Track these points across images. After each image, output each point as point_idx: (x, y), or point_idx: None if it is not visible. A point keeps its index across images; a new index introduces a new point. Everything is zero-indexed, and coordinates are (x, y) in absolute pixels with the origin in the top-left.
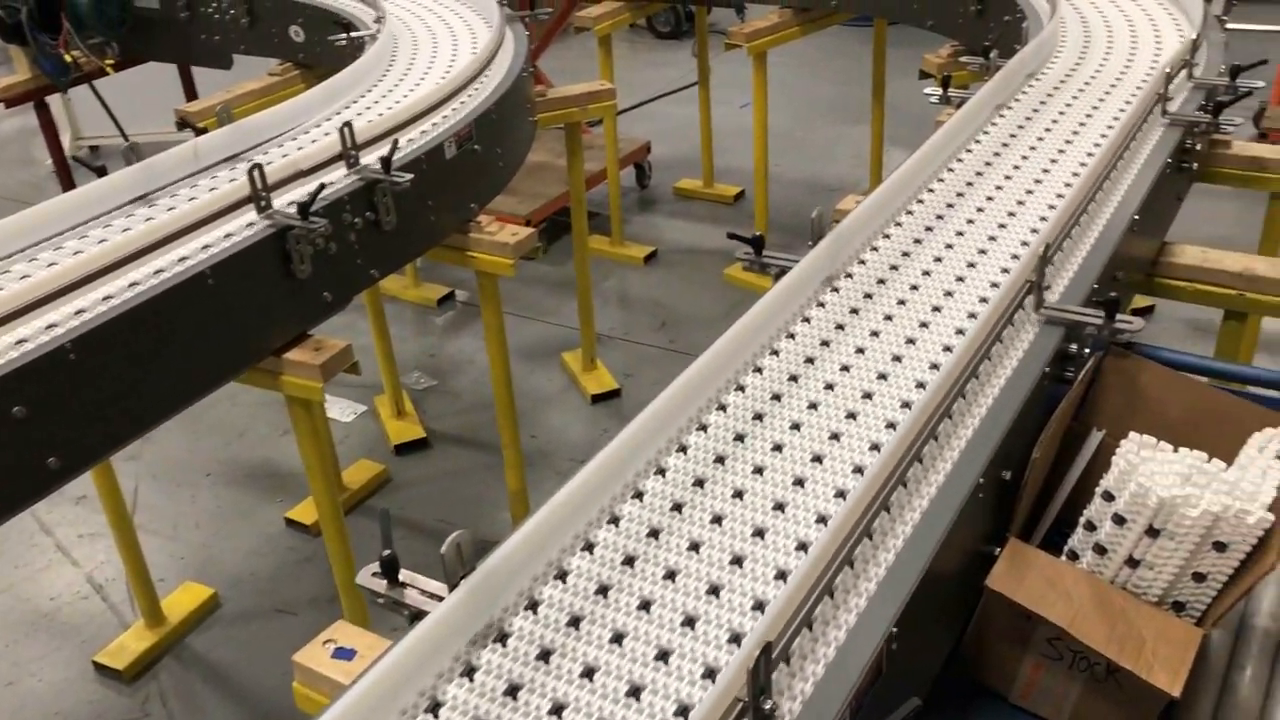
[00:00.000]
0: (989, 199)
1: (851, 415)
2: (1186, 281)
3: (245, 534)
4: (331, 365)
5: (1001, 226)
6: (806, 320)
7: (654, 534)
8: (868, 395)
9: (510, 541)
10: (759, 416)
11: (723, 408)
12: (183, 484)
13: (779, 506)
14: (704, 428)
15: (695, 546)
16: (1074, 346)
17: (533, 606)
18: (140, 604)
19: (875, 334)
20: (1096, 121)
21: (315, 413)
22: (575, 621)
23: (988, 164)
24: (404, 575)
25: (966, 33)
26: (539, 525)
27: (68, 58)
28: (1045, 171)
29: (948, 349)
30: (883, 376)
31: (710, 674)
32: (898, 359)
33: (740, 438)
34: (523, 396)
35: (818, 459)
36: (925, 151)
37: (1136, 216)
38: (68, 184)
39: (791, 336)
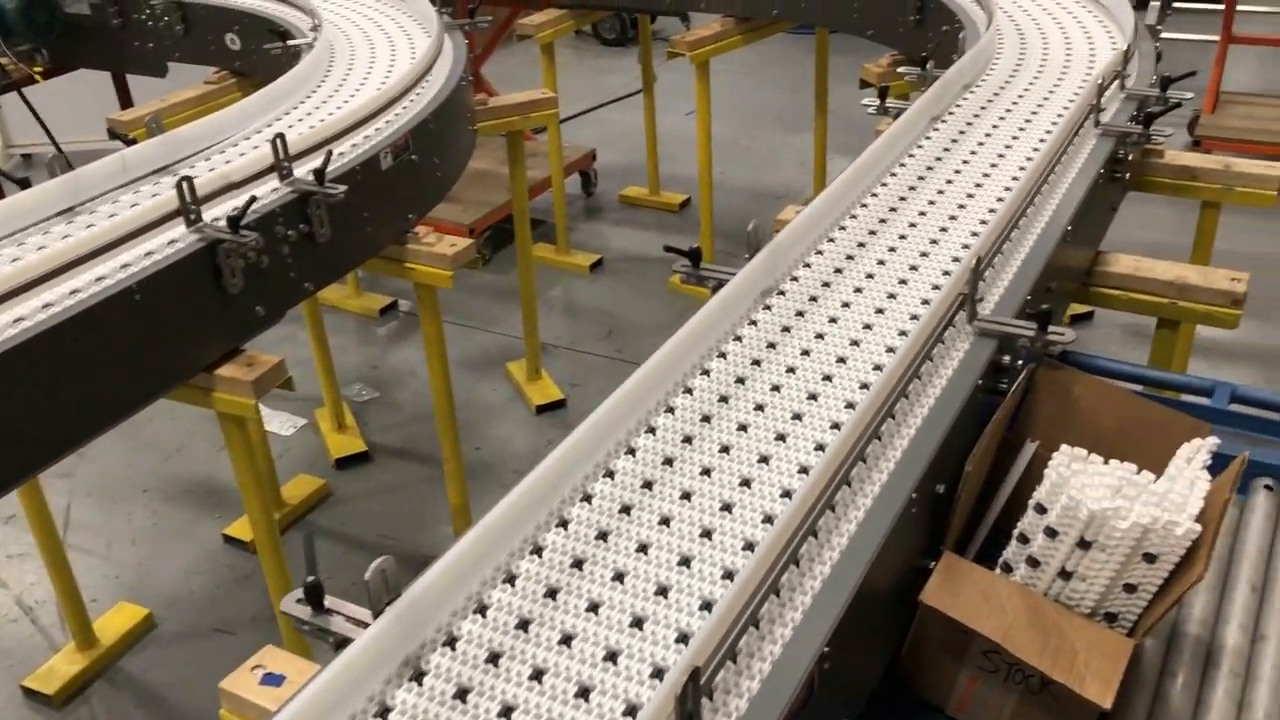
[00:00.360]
0: (921, 213)
1: (780, 437)
2: (1120, 290)
3: (182, 552)
4: (264, 381)
5: (933, 242)
6: (739, 339)
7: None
8: (798, 416)
9: (432, 570)
10: (688, 439)
11: (652, 430)
12: (118, 500)
13: (707, 533)
14: (632, 452)
15: (620, 576)
16: (1007, 358)
17: (450, 643)
18: (71, 626)
19: (806, 353)
20: (1031, 132)
21: (249, 430)
22: (494, 659)
23: (921, 177)
24: (329, 601)
25: (906, 42)
26: (461, 555)
27: None
28: (978, 186)
29: (878, 367)
30: (813, 397)
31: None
32: (828, 378)
33: (669, 461)
34: (467, 408)
35: (745, 483)
36: (861, 164)
37: (1069, 227)
38: None
39: (723, 356)
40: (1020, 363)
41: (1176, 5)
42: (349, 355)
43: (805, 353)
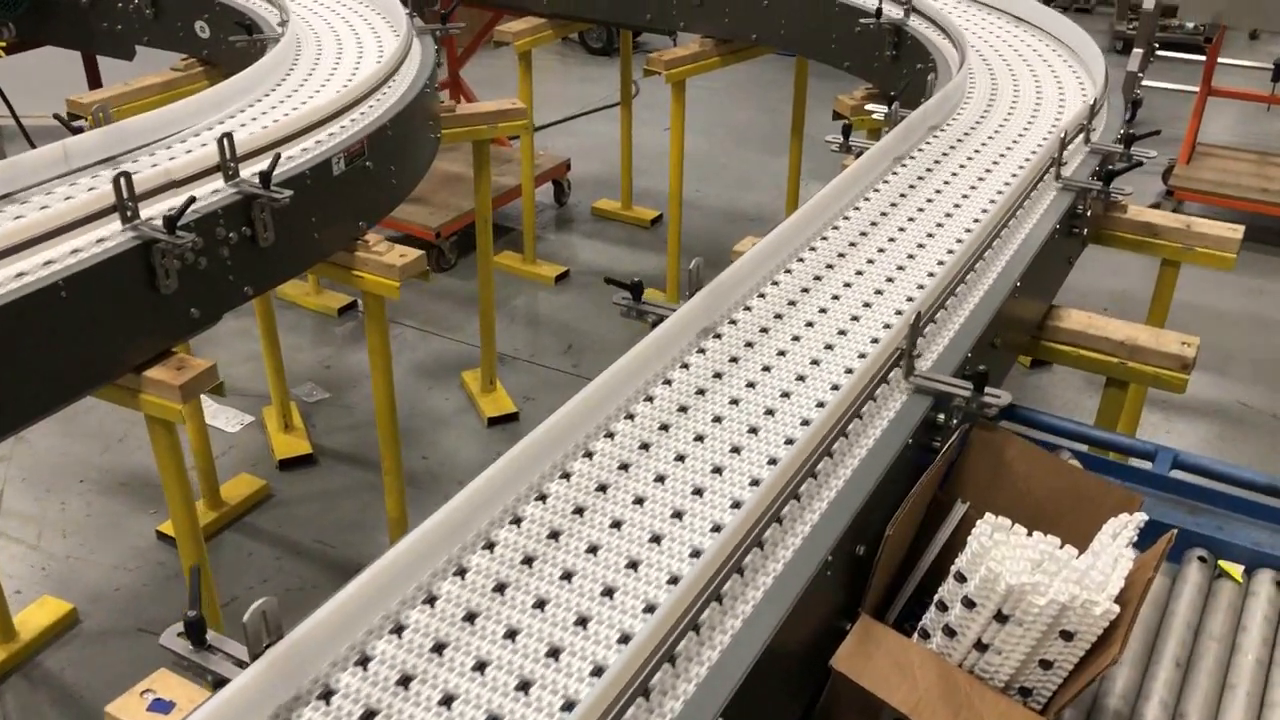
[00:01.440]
0: (870, 261)
1: (698, 491)
2: (1070, 347)
3: (113, 546)
4: (192, 386)
5: (878, 292)
6: (668, 383)
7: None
8: (718, 470)
9: (314, 617)
10: (603, 488)
11: (566, 476)
12: (53, 489)
13: (608, 590)
14: (543, 498)
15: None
16: (942, 416)
17: (326, 696)
18: None
19: (735, 402)
20: (993, 180)
21: (175, 433)
22: (369, 717)
23: (874, 223)
24: (211, 637)
25: (881, 77)
26: (345, 602)
27: None
28: (929, 236)
29: (806, 422)
30: (736, 450)
31: None
32: (754, 430)
33: (579, 510)
34: (417, 415)
35: (655, 539)
36: (813, 205)
37: (1019, 284)
38: None
39: (650, 400)
40: (955, 422)
41: (1160, 54)
42: (303, 354)
43: (734, 402)
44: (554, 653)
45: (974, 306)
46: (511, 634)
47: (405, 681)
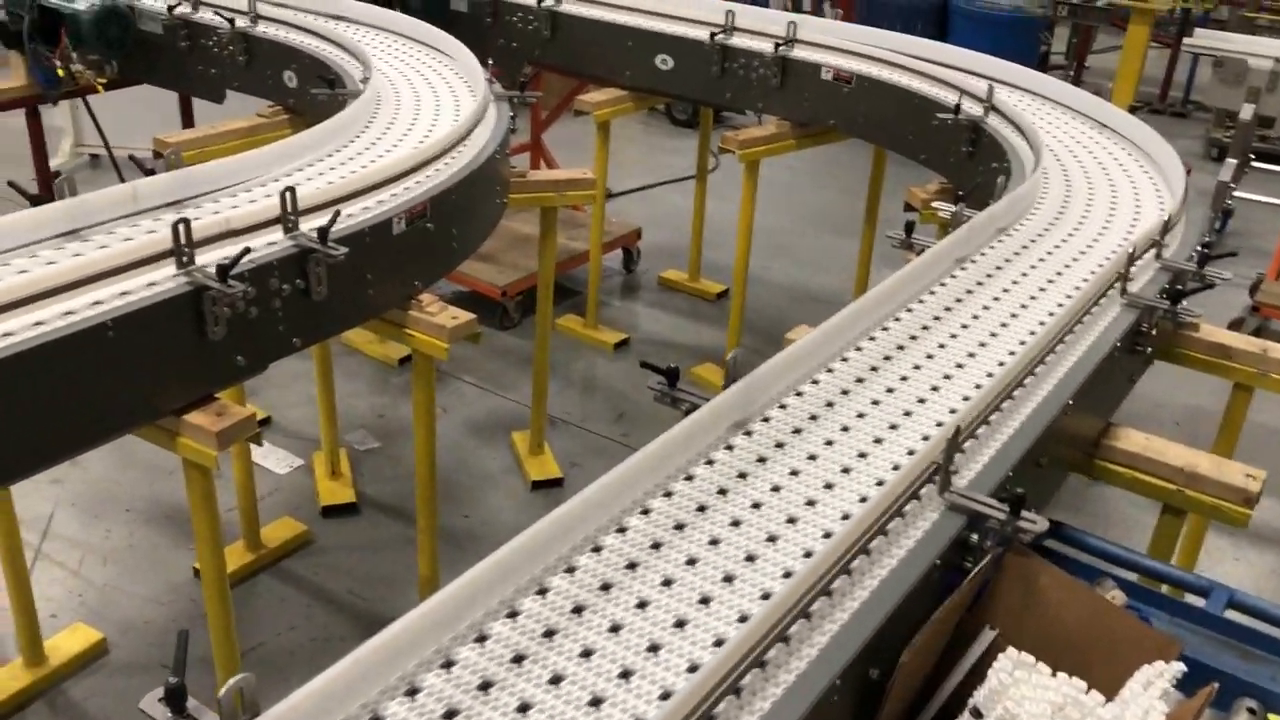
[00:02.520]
0: (917, 366)
1: (705, 600)
2: (1126, 468)
3: (150, 579)
4: (229, 434)
5: (921, 401)
6: (690, 478)
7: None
8: (729, 579)
9: (290, 700)
10: (606, 586)
11: (571, 570)
12: (100, 516)
13: (596, 702)
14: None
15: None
16: (975, 537)
17: None
18: (20, 641)
19: (757, 506)
20: (1055, 290)
21: (210, 478)
22: None
23: (925, 327)
24: (191, 706)
25: (956, 173)
26: (328, 682)
27: (60, 71)
28: (982, 345)
29: (828, 534)
30: (751, 558)
31: None
32: (773, 539)
33: (579, 609)
34: (465, 471)
35: (654, 648)
36: (866, 302)
37: (1071, 402)
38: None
39: (669, 495)
40: (988, 543)
41: (1255, 165)
42: (360, 401)
43: (756, 506)
44: None
45: (1021, 423)
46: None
47: None
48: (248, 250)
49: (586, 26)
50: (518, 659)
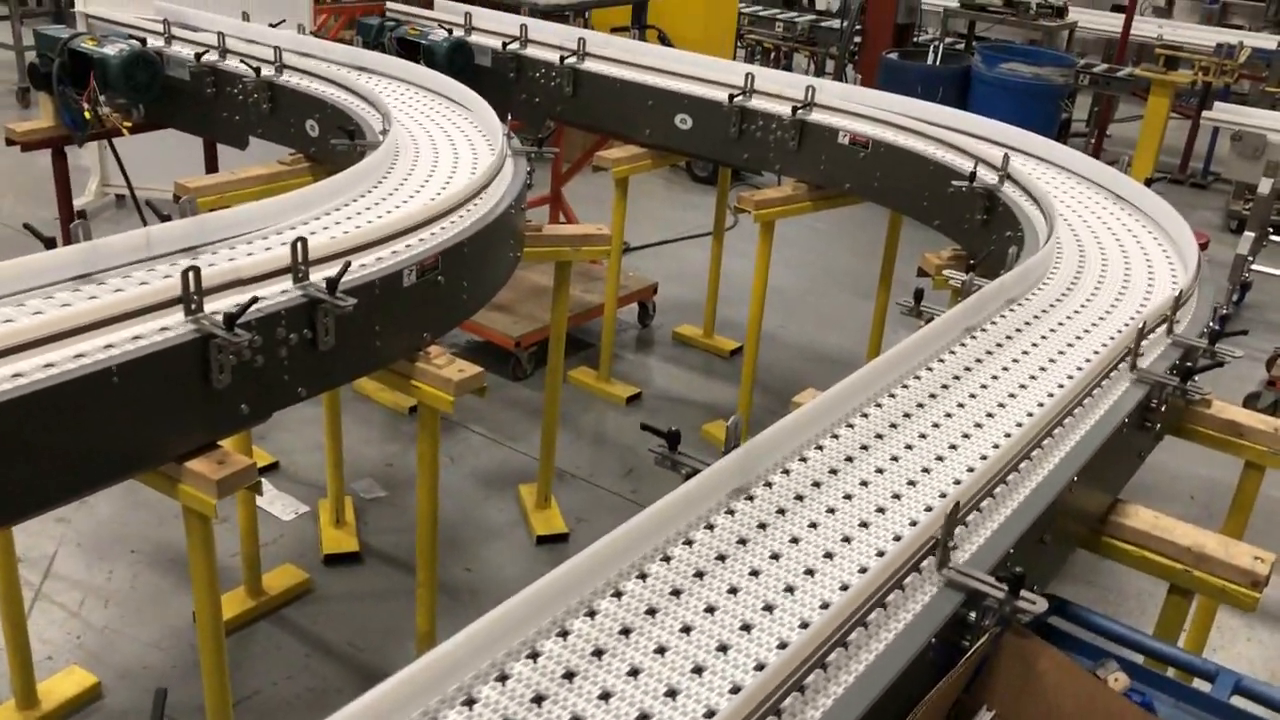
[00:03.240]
0: (923, 435)
1: (698, 670)
2: (1133, 546)
3: (151, 623)
4: (229, 482)
5: (925, 471)
6: (689, 543)
7: None
8: (724, 648)
9: None
10: (599, 653)
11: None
12: (104, 557)
13: None
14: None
15: None
16: (973, 615)
17: None
18: (14, 683)
19: (755, 573)
20: (1065, 363)
21: (209, 525)
22: None
23: (933, 395)
24: None
25: (970, 239)
26: None
27: (87, 114)
28: (989, 416)
29: (825, 605)
30: (747, 628)
31: None
32: (769, 608)
33: (570, 675)
34: (470, 524)
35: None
36: (871, 370)
37: (1076, 478)
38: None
39: (668, 560)
40: (986, 622)
41: (1275, 238)
42: (369, 448)
43: (754, 573)
44: None
45: (1024, 499)
46: None
47: None
48: (255, 299)
49: (608, 85)
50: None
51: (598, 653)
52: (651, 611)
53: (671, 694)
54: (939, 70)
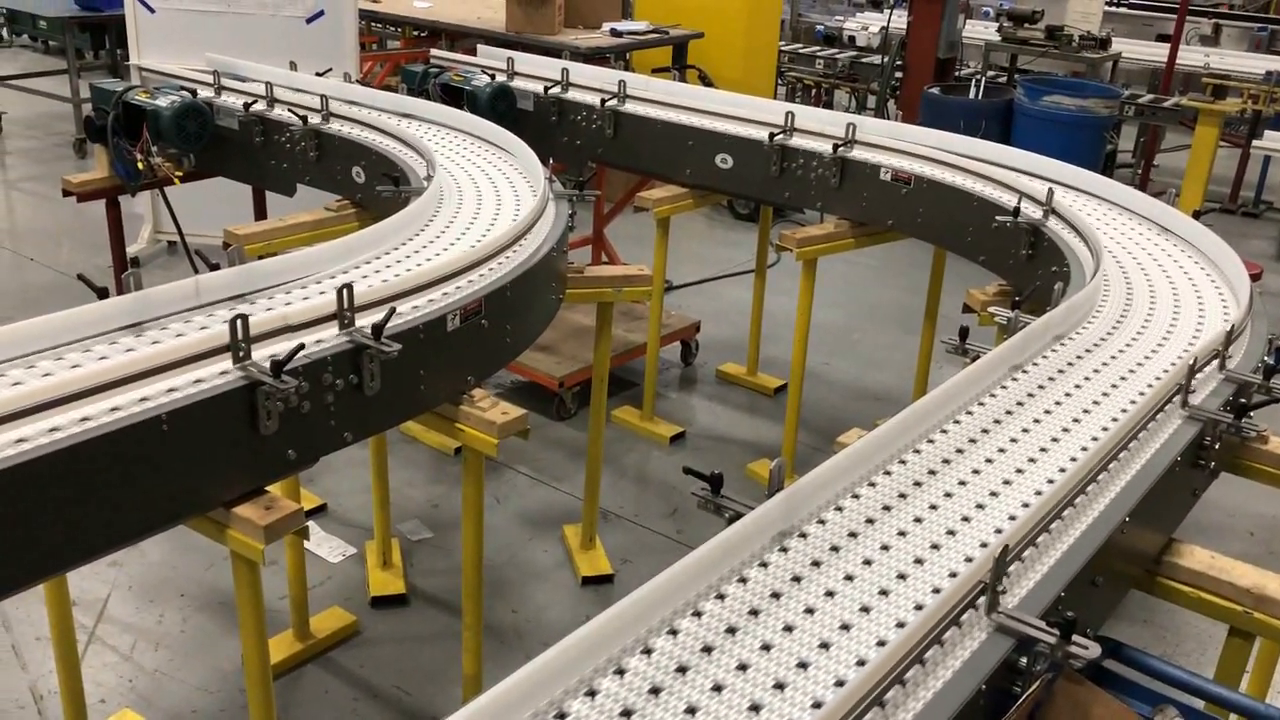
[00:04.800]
0: (975, 472)
1: (755, 708)
2: (1190, 587)
3: (200, 666)
4: (276, 528)
5: (979, 507)
6: (744, 581)
7: None
8: (780, 685)
9: None
10: (655, 690)
11: (620, 672)
12: (155, 600)
13: None
14: (593, 694)
15: None
16: (1024, 660)
17: None
18: None
19: (810, 611)
20: (1114, 400)
21: (257, 571)
22: None
23: (986, 429)
24: None
25: (1015, 274)
26: None
27: (140, 164)
28: (1042, 450)
29: (881, 643)
30: (803, 665)
31: None
32: (825, 646)
33: (627, 714)
34: (515, 565)
35: None
36: (918, 409)
37: (1127, 519)
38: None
39: (721, 598)
40: (1038, 668)
41: None
42: (416, 490)
43: (809, 611)
44: None
45: (1074, 541)
46: None
47: None
48: (302, 346)
49: (648, 126)
50: None
51: (655, 690)
52: (707, 649)
53: None
54: (981, 104)
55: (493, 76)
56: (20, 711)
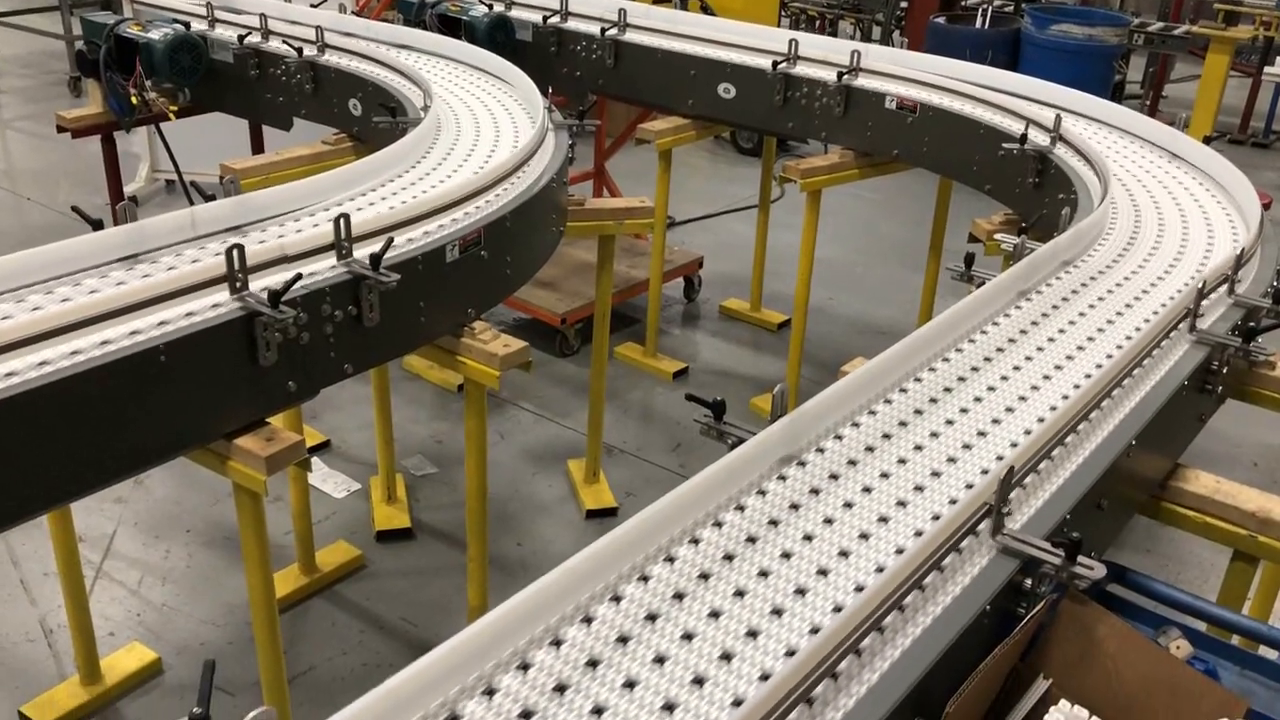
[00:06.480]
0: (977, 399)
1: (752, 634)
2: (1194, 511)
3: (207, 601)
4: (278, 459)
5: (981, 434)
6: (741, 509)
7: None
8: (777, 611)
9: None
10: (652, 617)
11: (617, 599)
12: (161, 537)
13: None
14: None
15: None
16: (1029, 582)
17: None
18: (78, 659)
19: (809, 538)
20: (1121, 325)
21: (260, 502)
22: None
23: (987, 358)
24: None
25: (1022, 203)
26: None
27: (134, 99)
28: (1045, 378)
29: (880, 569)
30: (801, 591)
31: None
32: (823, 572)
33: (624, 639)
34: (519, 500)
35: (698, 680)
36: (922, 335)
37: (1134, 442)
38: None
39: (719, 525)
40: (1043, 589)
41: None
42: (419, 426)
43: (808, 538)
44: None
45: (1080, 464)
46: None
47: None
48: (299, 276)
49: (649, 56)
50: (560, 689)
51: (651, 617)
52: (704, 576)
53: (726, 657)
54: (988, 34)
55: (490, 6)
56: (31, 644)
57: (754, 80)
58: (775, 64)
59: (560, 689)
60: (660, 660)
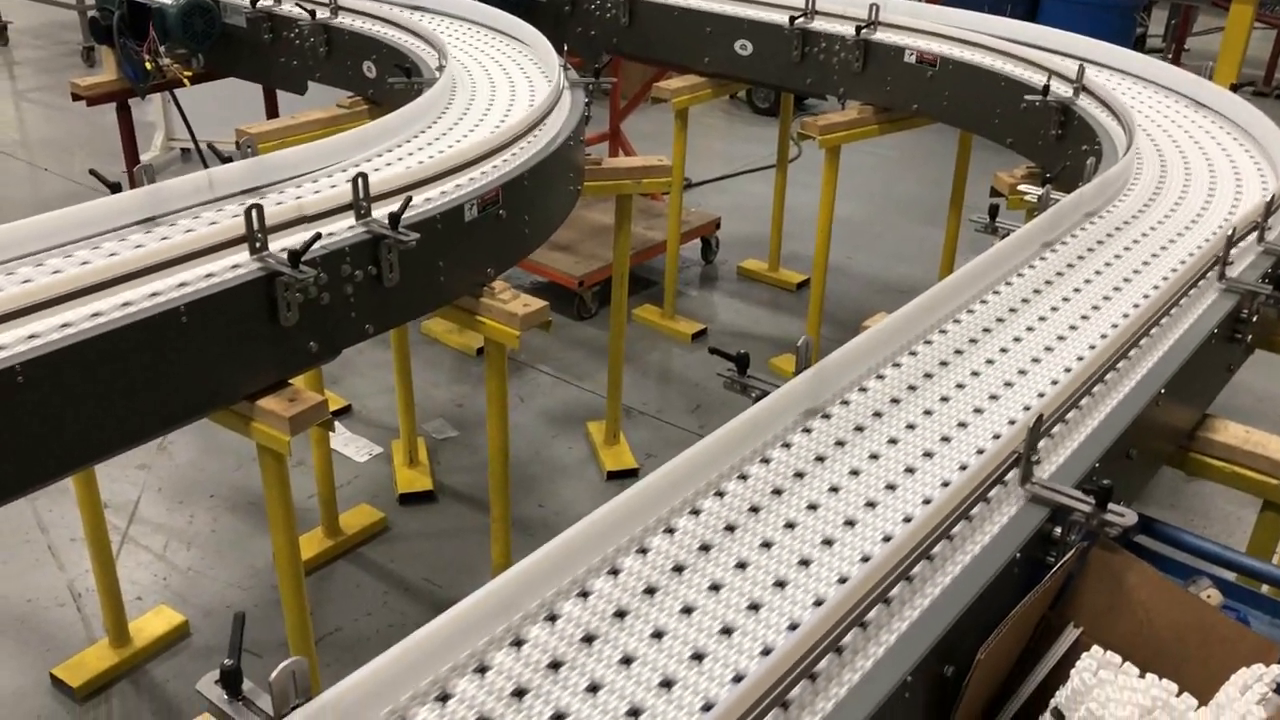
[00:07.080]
0: (1003, 350)
1: (780, 584)
2: (1223, 461)
3: (232, 564)
4: (301, 419)
5: (1008, 385)
6: (766, 461)
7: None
8: (805, 562)
9: (345, 682)
10: (679, 568)
11: (644, 551)
12: (185, 502)
13: (667, 684)
14: (615, 572)
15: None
16: (1058, 530)
17: None
18: (107, 621)
19: (835, 489)
20: (1148, 275)
21: (284, 463)
22: None
23: (1013, 309)
24: (247, 689)
25: (1045, 156)
26: (386, 665)
27: (148, 65)
28: (1072, 328)
29: (908, 519)
30: (828, 542)
31: None
32: (850, 523)
33: (651, 590)
34: (540, 462)
35: (727, 630)
36: (947, 286)
37: (1163, 391)
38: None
39: (744, 478)
40: (1073, 538)
41: None
42: (439, 390)
43: (834, 489)
44: None
45: (1108, 413)
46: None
47: None
48: (319, 235)
49: (664, 12)
50: (588, 639)
51: (677, 569)
52: (730, 528)
53: (754, 608)
54: None
55: None
56: (60, 609)
57: (771, 36)
58: (792, 19)
59: (589, 639)
60: (688, 611)
